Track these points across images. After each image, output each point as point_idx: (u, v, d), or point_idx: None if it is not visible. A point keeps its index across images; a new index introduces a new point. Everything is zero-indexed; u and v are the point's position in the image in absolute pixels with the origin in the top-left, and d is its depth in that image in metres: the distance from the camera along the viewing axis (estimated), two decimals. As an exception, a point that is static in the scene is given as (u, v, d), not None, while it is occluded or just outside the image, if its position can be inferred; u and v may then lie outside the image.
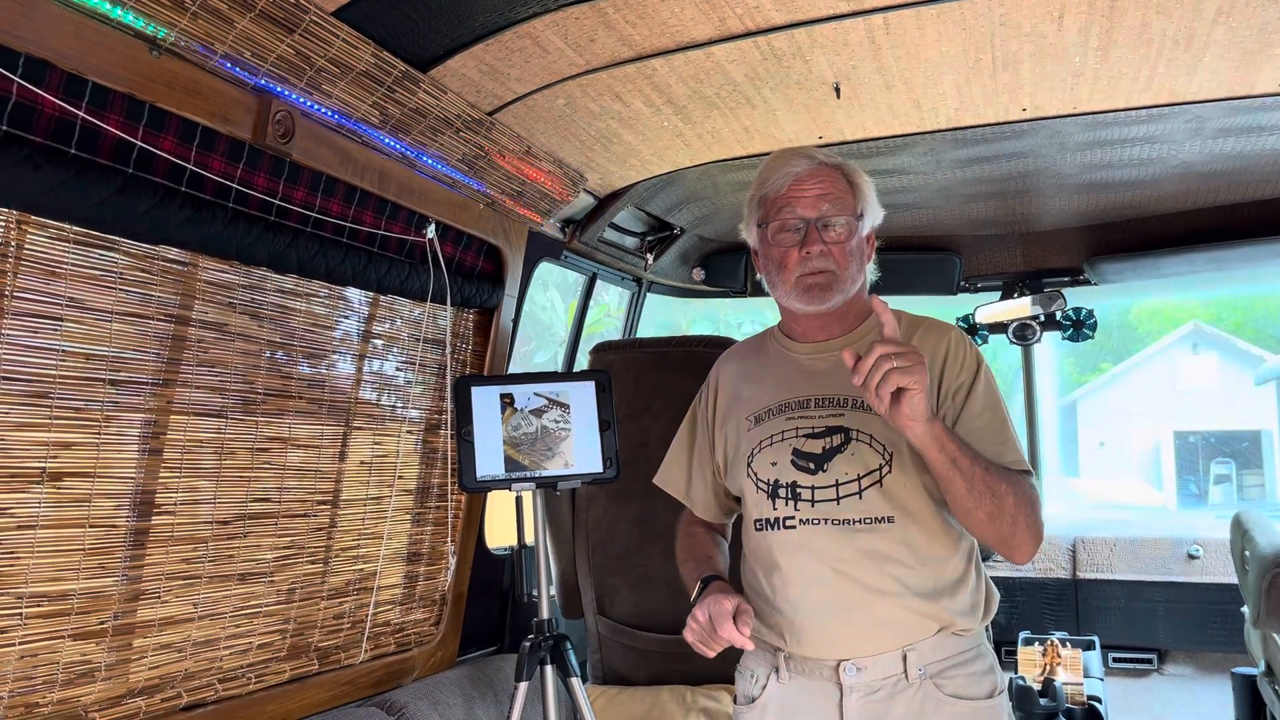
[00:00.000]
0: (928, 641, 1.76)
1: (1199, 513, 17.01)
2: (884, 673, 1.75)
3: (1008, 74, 2.16)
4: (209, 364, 1.88)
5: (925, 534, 1.77)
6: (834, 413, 1.82)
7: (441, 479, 2.62)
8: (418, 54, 1.92)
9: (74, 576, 1.67)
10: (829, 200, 1.81)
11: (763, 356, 2.00)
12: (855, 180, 1.87)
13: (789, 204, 1.83)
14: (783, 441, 1.84)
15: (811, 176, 1.83)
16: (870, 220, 1.90)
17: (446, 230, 2.40)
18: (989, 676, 1.81)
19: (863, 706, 1.75)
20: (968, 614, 1.79)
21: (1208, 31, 1.95)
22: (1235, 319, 22.67)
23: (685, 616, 2.77)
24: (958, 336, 1.86)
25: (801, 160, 1.85)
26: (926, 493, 1.76)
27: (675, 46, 1.99)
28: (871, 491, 1.76)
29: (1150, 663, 4.49)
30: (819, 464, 1.80)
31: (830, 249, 1.80)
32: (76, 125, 1.49)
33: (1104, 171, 3.01)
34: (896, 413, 1.56)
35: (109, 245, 1.64)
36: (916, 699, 1.74)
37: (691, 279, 3.95)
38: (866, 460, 1.77)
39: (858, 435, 1.79)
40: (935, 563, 1.77)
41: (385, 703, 2.31)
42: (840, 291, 1.83)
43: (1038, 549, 1.75)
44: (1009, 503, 1.67)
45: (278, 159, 1.85)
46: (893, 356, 1.53)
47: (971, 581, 1.82)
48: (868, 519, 1.76)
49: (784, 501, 1.81)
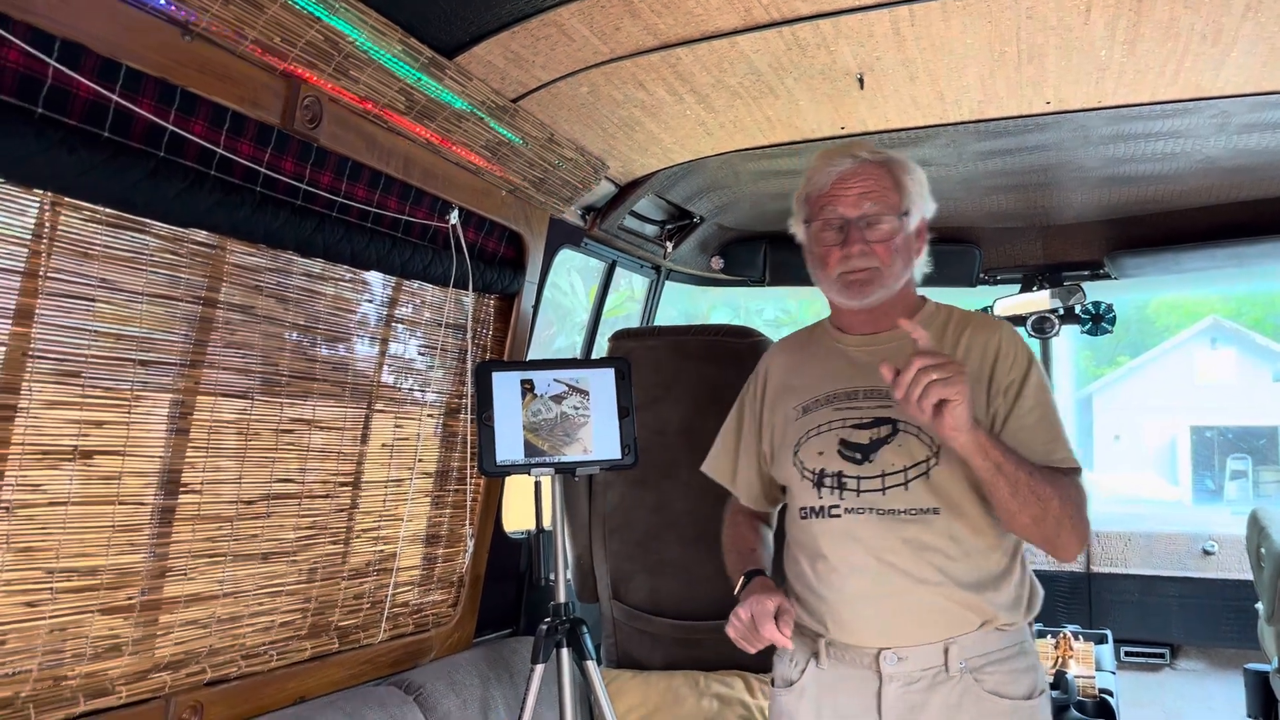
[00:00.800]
0: (971, 635, 1.76)
1: (1214, 508, 16.93)
2: (924, 664, 1.76)
3: (1032, 67, 2.16)
4: (235, 346, 1.91)
5: (970, 527, 1.77)
6: (881, 404, 1.83)
7: (461, 463, 2.64)
8: (444, 41, 1.93)
9: (103, 553, 1.70)
10: (871, 198, 1.82)
11: (812, 348, 2.01)
12: (900, 177, 1.87)
13: (831, 202, 1.84)
14: (830, 431, 1.85)
15: (854, 175, 1.84)
16: (918, 216, 1.89)
17: (469, 216, 2.41)
18: (1029, 675, 1.80)
19: (901, 696, 1.76)
20: (1011, 608, 1.79)
21: (1236, 26, 1.94)
22: (1255, 314, 22.47)
23: (701, 604, 2.82)
24: (1009, 333, 1.87)
25: (845, 159, 1.85)
26: (972, 486, 1.75)
27: (700, 36, 2.00)
28: (918, 483, 1.77)
29: (1162, 657, 4.49)
30: (865, 454, 1.81)
31: (873, 247, 1.81)
32: (110, 109, 1.51)
33: (1127, 166, 2.99)
34: (939, 424, 1.57)
35: (140, 227, 1.66)
36: (955, 692, 1.75)
37: (710, 267, 3.95)
38: (914, 452, 1.78)
39: (905, 427, 1.79)
40: (979, 555, 1.77)
41: (403, 682, 2.34)
42: (883, 287, 1.84)
43: (1084, 548, 1.75)
44: (1054, 506, 1.67)
45: (305, 144, 1.87)
46: (932, 369, 1.53)
47: (1015, 575, 1.81)
48: (913, 510, 1.76)
49: (830, 491, 1.83)
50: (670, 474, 2.93)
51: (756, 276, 4.03)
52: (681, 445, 2.91)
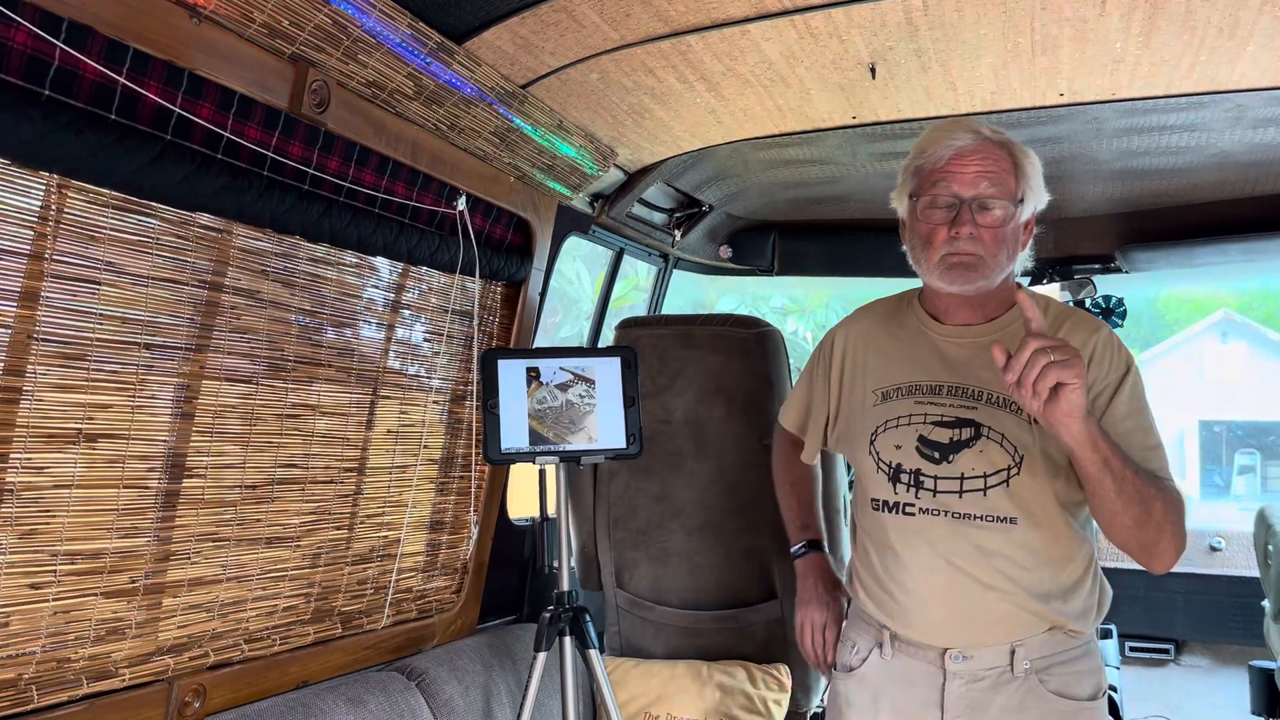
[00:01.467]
0: (1038, 638, 1.74)
1: (1222, 504, 16.88)
2: (989, 663, 1.74)
3: (1046, 58, 2.13)
4: (241, 330, 1.90)
5: (1047, 538, 1.72)
6: (966, 405, 1.78)
7: (466, 449, 2.64)
8: (454, 25, 1.92)
9: (107, 536, 1.70)
10: (989, 179, 1.72)
11: (896, 327, 1.94)
12: (1021, 161, 1.77)
13: (945, 178, 1.74)
14: (909, 425, 1.81)
15: (975, 152, 1.74)
16: (1031, 205, 1.79)
17: (476, 203, 2.40)
18: (1093, 677, 1.78)
19: (964, 693, 1.75)
20: (1080, 617, 1.76)
21: (1253, 20, 1.92)
22: (1266, 309, 22.38)
23: (704, 594, 2.83)
24: (1107, 334, 1.78)
25: (966, 134, 1.76)
26: (1055, 498, 1.72)
27: (711, 23, 1.98)
28: (997, 491, 1.72)
29: (1167, 653, 4.49)
30: (944, 455, 1.76)
31: (981, 232, 1.72)
32: (117, 91, 1.50)
33: (1140, 159, 2.97)
34: (1053, 410, 1.48)
35: (146, 211, 1.66)
36: (1019, 693, 1.73)
37: (718, 256, 3.94)
38: (995, 459, 1.73)
39: (989, 432, 1.74)
40: (1054, 566, 1.74)
41: (405, 668, 2.35)
42: (986, 277, 1.75)
43: (1179, 558, 1.67)
44: (1157, 508, 1.60)
45: (312, 128, 1.86)
46: (1048, 350, 1.45)
47: (1087, 586, 1.78)
48: (990, 516, 1.72)
49: (905, 488, 1.79)
50: (675, 464, 2.92)
51: (765, 266, 4.01)
52: (686, 435, 2.91)
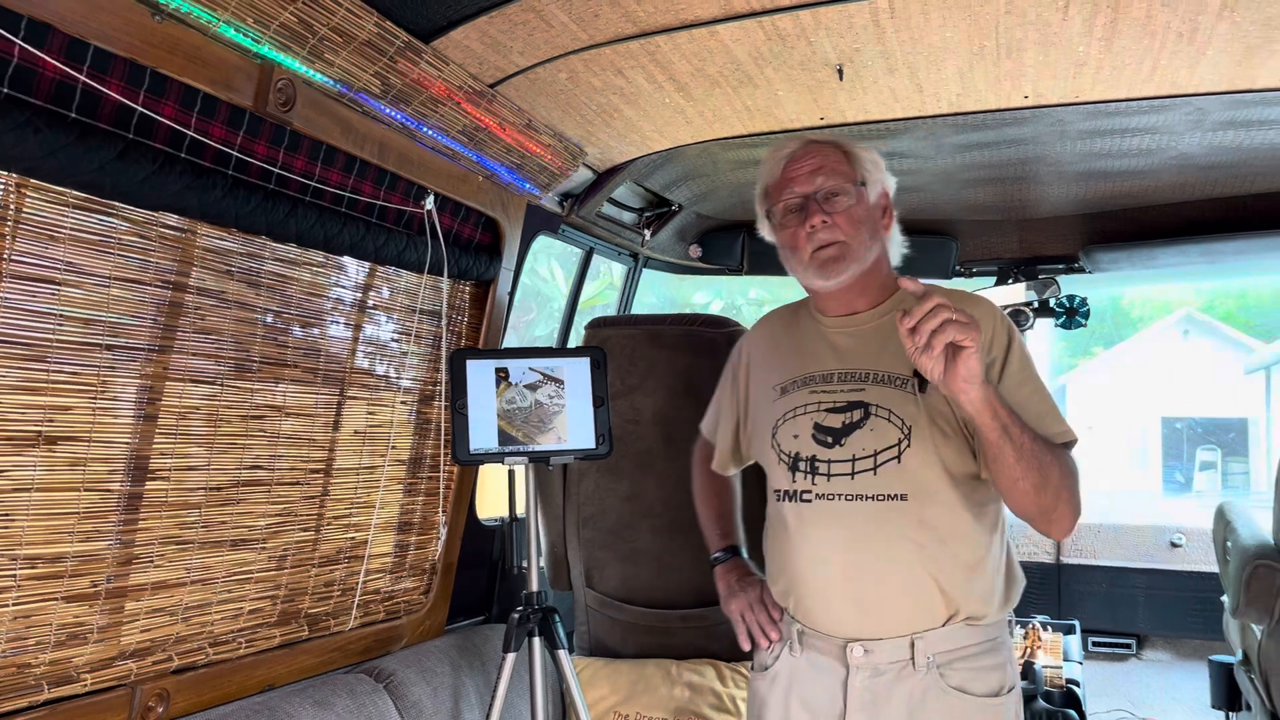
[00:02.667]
0: (937, 631, 1.76)
1: (1183, 499, 17.15)
2: (891, 656, 1.76)
3: (1011, 61, 2.16)
4: (205, 331, 1.88)
5: (940, 514, 1.75)
6: (855, 387, 1.82)
7: (434, 450, 2.63)
8: (421, 24, 1.91)
9: (68, 540, 1.68)
10: (824, 173, 1.82)
11: (793, 327, 2.02)
12: (850, 150, 1.88)
13: (786, 185, 1.85)
14: (805, 414, 1.85)
15: (805, 154, 1.86)
16: (876, 187, 1.89)
17: (445, 202, 2.39)
18: (998, 672, 1.79)
19: (866, 686, 1.77)
20: (984, 599, 1.78)
21: (1212, 24, 1.95)
22: (1226, 308, 22.76)
23: (673, 593, 2.84)
24: (989, 307, 1.83)
25: (794, 143, 1.88)
26: (944, 469, 1.74)
27: (680, 24, 1.98)
28: (888, 468, 1.75)
29: (1129, 648, 4.55)
30: (837, 438, 1.80)
31: (835, 219, 1.80)
32: (78, 90, 1.48)
33: (1103, 161, 3.01)
34: (952, 376, 1.50)
35: (108, 210, 1.63)
36: (920, 687, 1.75)
37: (688, 256, 3.95)
38: (885, 435, 1.76)
39: (877, 410, 1.78)
40: (949, 544, 1.75)
41: (373, 670, 2.33)
42: (855, 261, 1.82)
43: (1076, 524, 1.72)
44: (1055, 474, 1.64)
45: (278, 127, 1.85)
46: (949, 308, 1.47)
47: (991, 564, 1.79)
48: (881, 495, 1.75)
49: (804, 475, 1.82)
50: (645, 463, 2.92)
51: (735, 265, 4.03)
52: (656, 435, 2.91)
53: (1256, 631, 3.10)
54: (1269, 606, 2.70)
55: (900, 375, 1.78)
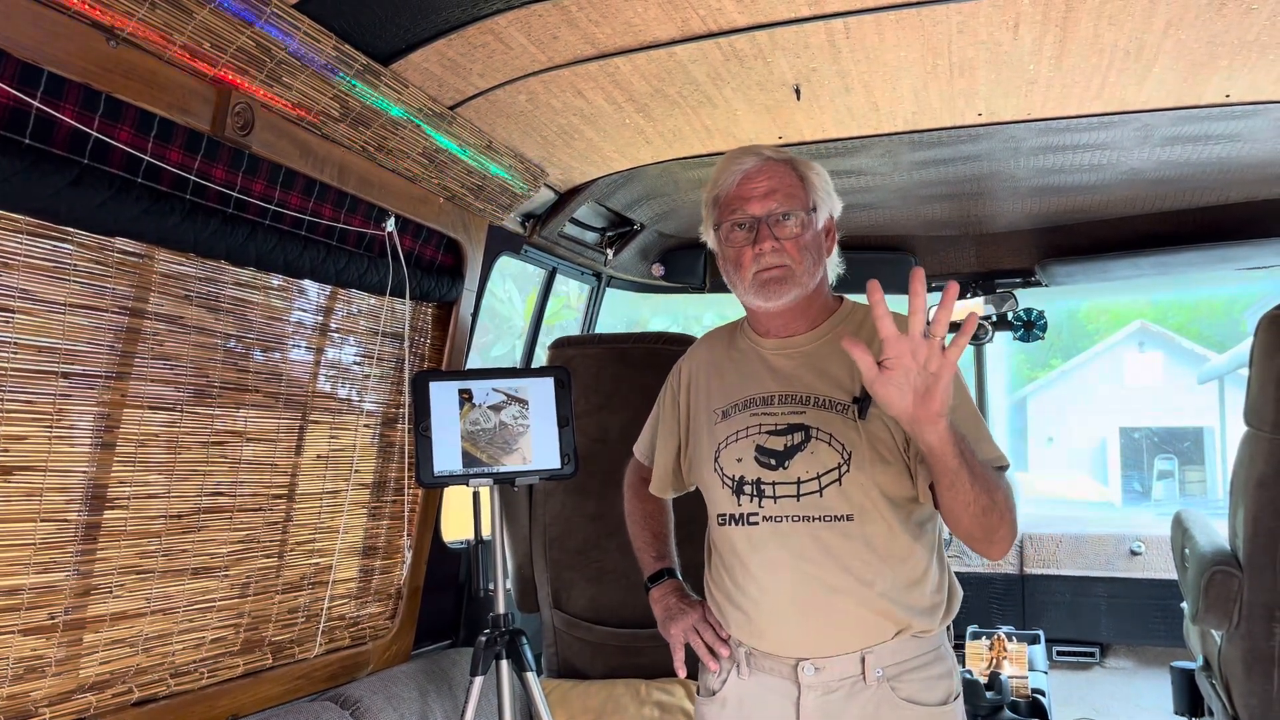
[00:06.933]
0: (887, 645, 1.77)
1: (1142, 509, 17.35)
2: (842, 673, 1.77)
3: (964, 79, 2.20)
4: (164, 356, 1.86)
5: (883, 533, 1.77)
6: (795, 410, 1.83)
7: (398, 473, 2.61)
8: (379, 48, 1.91)
9: (24, 571, 1.65)
10: (777, 197, 1.81)
11: (731, 350, 2.00)
12: (805, 173, 1.87)
13: (739, 203, 1.83)
14: (747, 438, 1.85)
15: (760, 173, 1.83)
16: (825, 212, 1.89)
17: (406, 224, 2.39)
18: (944, 681, 1.82)
19: (819, 705, 1.77)
20: (928, 614, 1.80)
21: (1157, 43, 2.00)
22: (1180, 319, 23.15)
23: (641, 612, 2.82)
24: None
25: (749, 158, 1.85)
26: (881, 492, 1.76)
27: (638, 45, 2.00)
28: (831, 490, 1.76)
29: (1093, 656, 4.59)
30: (780, 461, 1.80)
31: (784, 244, 1.79)
32: (31, 115, 1.47)
33: (1056, 176, 3.07)
34: (926, 409, 1.47)
35: (63, 236, 1.62)
36: (872, 701, 1.76)
37: (651, 274, 3.96)
38: (825, 459, 1.78)
39: (818, 434, 1.79)
40: (892, 562, 1.77)
41: (339, 697, 2.30)
42: (798, 285, 1.82)
43: (1013, 545, 1.73)
44: (1000, 496, 1.64)
45: (236, 151, 1.84)
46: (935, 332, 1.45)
47: (933, 580, 1.82)
48: (828, 516, 1.76)
49: (749, 498, 1.82)
50: (611, 482, 2.91)
51: (697, 284, 4.05)
52: (622, 454, 2.89)
53: (1216, 637, 3.14)
54: (1227, 612, 2.73)
55: (840, 401, 1.80)
